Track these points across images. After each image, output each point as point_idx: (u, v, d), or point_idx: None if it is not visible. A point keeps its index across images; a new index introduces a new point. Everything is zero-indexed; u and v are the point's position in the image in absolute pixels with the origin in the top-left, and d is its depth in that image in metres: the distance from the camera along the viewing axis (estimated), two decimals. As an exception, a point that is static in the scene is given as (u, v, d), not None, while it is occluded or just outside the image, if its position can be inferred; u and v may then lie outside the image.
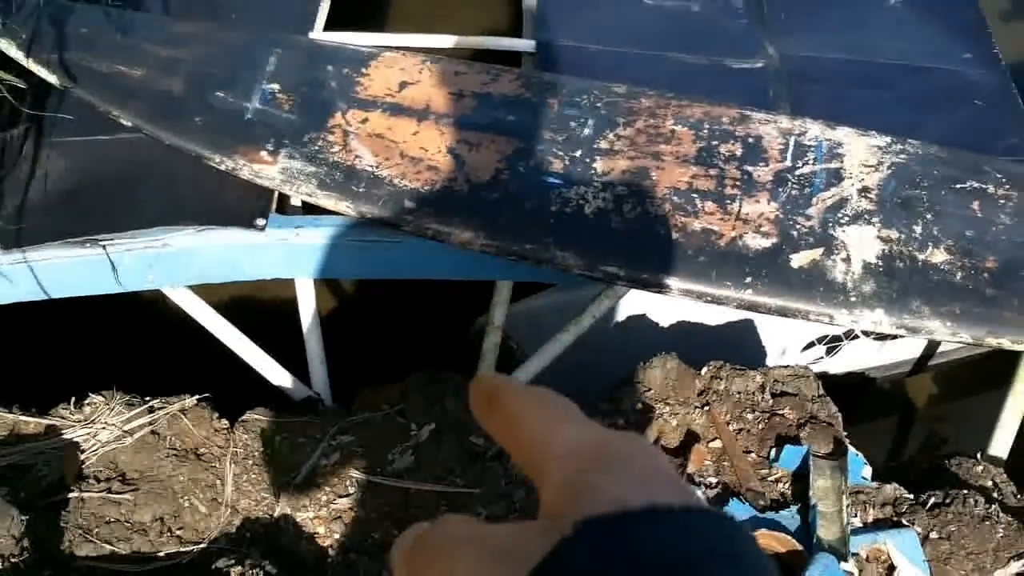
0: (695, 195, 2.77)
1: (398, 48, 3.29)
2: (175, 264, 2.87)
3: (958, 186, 2.83)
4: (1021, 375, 2.94)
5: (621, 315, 3.17)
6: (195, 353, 3.11)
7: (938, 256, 2.67)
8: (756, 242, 2.69)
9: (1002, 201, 2.79)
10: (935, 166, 2.87)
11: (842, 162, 2.87)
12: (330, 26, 3.49)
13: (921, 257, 2.67)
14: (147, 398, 2.90)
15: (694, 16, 3.68)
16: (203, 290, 3.03)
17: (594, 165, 2.83)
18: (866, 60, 3.50)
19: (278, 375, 3.14)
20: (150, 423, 2.82)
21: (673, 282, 2.64)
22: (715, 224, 2.72)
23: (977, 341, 2.59)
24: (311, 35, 3.40)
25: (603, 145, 2.88)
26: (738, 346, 3.54)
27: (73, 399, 2.90)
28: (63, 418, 2.83)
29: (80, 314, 3.22)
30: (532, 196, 2.77)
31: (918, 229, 2.72)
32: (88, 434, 2.78)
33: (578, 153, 2.86)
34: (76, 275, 2.84)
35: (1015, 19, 5.07)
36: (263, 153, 2.84)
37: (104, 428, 2.79)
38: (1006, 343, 2.58)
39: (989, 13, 3.79)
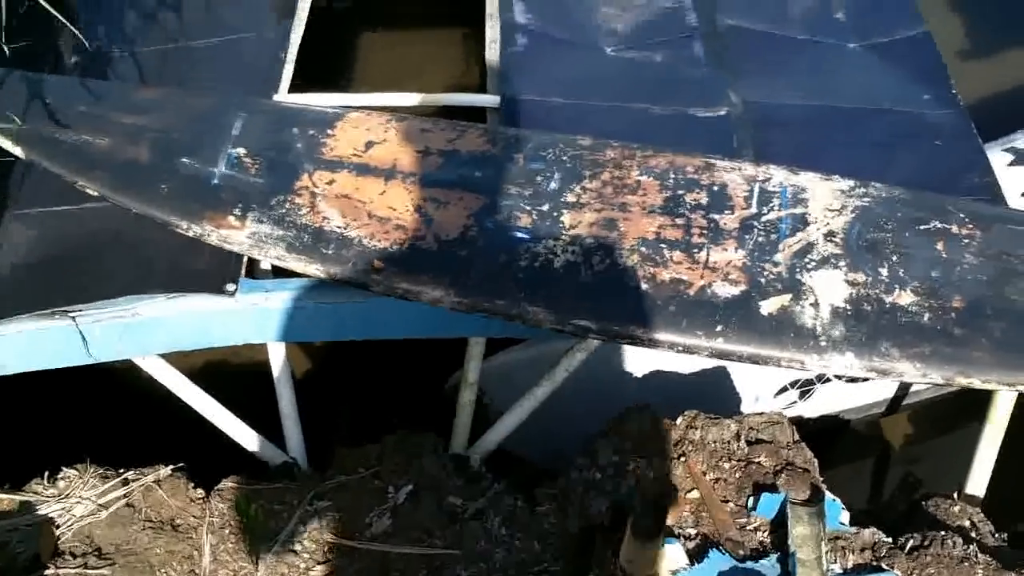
0: (663, 245, 2.79)
1: (363, 108, 3.31)
2: (145, 333, 2.85)
3: (922, 227, 2.85)
4: (994, 412, 2.96)
5: (595, 367, 3.17)
6: (169, 422, 3.09)
7: (905, 298, 2.69)
8: (725, 290, 2.70)
9: (966, 240, 2.82)
10: (899, 208, 2.90)
11: (807, 207, 2.89)
12: (295, 88, 3.50)
13: (888, 299, 2.69)
14: (121, 470, 2.88)
15: (657, 66, 3.72)
16: (175, 356, 3.01)
17: (562, 219, 2.85)
18: (827, 104, 3.54)
19: (252, 441, 3.13)
20: (125, 495, 2.80)
21: (644, 333, 2.65)
22: (684, 273, 2.73)
23: (947, 381, 2.61)
24: (276, 97, 3.42)
25: (570, 198, 2.90)
26: (712, 393, 3.55)
27: (47, 473, 2.87)
28: (37, 493, 2.81)
29: (51, 386, 3.19)
30: (501, 252, 2.78)
31: (884, 271, 2.74)
32: (63, 509, 2.76)
33: (545, 207, 2.88)
34: (45, 348, 2.82)
35: (973, 58, 5.16)
36: (231, 218, 2.84)
37: (79, 502, 2.76)
38: (976, 382, 2.59)
39: (947, 53, 3.85)
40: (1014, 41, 5.35)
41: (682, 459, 2.78)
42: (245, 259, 2.94)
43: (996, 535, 2.77)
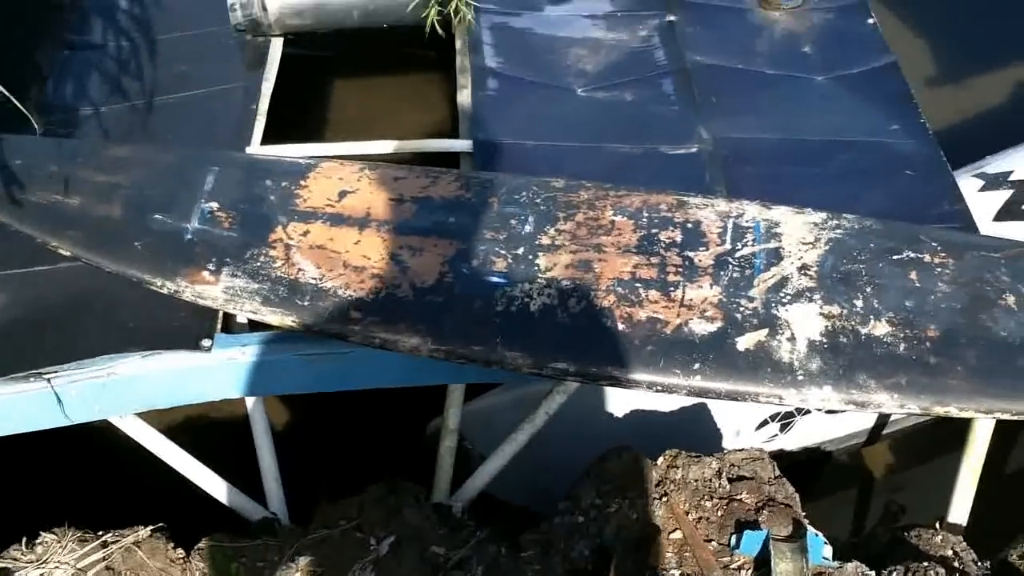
0: (638, 284, 2.79)
1: (336, 157, 3.32)
2: (122, 392, 2.84)
3: (895, 257, 2.86)
4: (973, 440, 2.97)
5: (575, 408, 3.17)
6: (148, 480, 3.07)
7: (880, 328, 2.69)
8: (701, 327, 2.70)
9: (939, 269, 2.83)
10: (871, 239, 2.91)
11: (780, 241, 2.90)
12: (268, 139, 3.51)
13: (864, 331, 2.69)
14: (100, 532, 2.85)
15: (627, 105, 3.75)
16: (153, 412, 2.99)
17: (537, 262, 2.85)
18: (797, 138, 3.57)
19: (233, 497, 3.10)
20: (104, 559, 2.76)
21: (622, 374, 2.64)
22: (660, 312, 2.73)
23: (925, 411, 2.61)
24: (248, 150, 3.43)
25: (544, 241, 2.90)
26: (693, 429, 3.55)
27: (24, 539, 2.84)
28: (15, 559, 2.77)
29: (27, 448, 3.16)
30: (477, 297, 2.78)
31: (859, 303, 2.75)
32: (41, 575, 2.72)
33: (520, 250, 2.88)
34: (20, 411, 2.80)
35: (940, 85, 5.21)
36: (205, 273, 2.83)
37: (57, 567, 2.73)
38: (953, 411, 2.59)
39: (914, 80, 3.90)
40: (980, 66, 5.42)
41: (664, 499, 2.77)
42: (221, 314, 2.93)
43: (979, 564, 2.76)
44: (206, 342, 2.85)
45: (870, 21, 4.13)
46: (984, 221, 3.58)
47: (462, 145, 3.57)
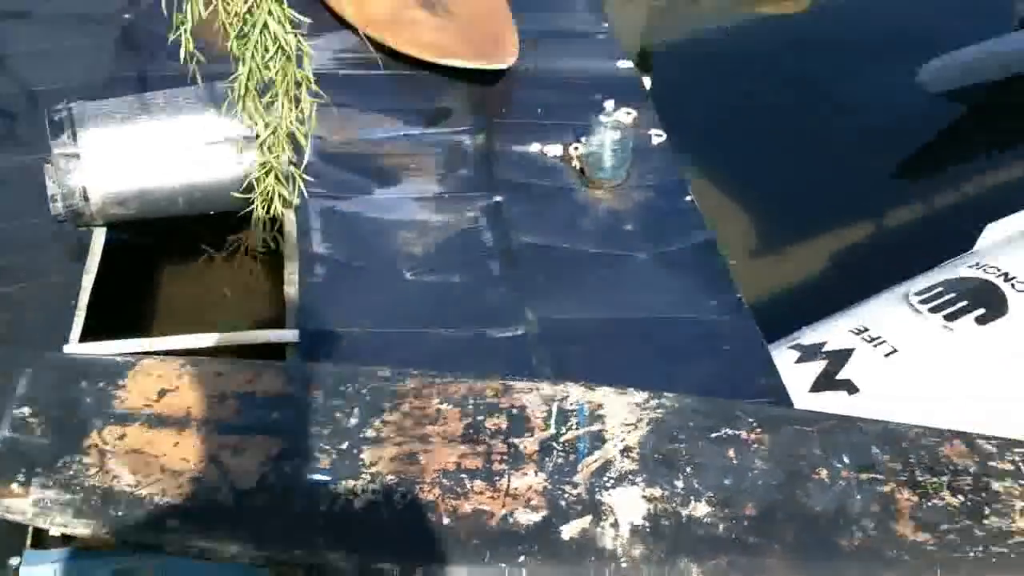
0: (464, 475, 2.78)
1: (159, 352, 3.26)
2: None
3: (714, 435, 2.93)
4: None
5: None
6: None
7: (700, 509, 2.73)
8: (526, 517, 2.70)
9: (755, 446, 2.91)
10: (691, 417, 2.98)
11: (604, 424, 2.95)
12: (89, 335, 3.43)
13: (685, 512, 2.72)
14: None
15: (455, 288, 3.82)
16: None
17: (362, 456, 2.82)
18: (619, 316, 3.69)
19: None
20: None
21: (447, 570, 2.61)
22: (485, 503, 2.72)
23: (745, 593, 2.64)
24: (67, 348, 3.35)
25: (370, 433, 2.88)
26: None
27: None
28: None
29: None
30: (299, 497, 2.73)
31: (680, 484, 2.79)
32: None
33: (345, 445, 2.85)
34: None
35: (760, 256, 5.48)
36: (14, 486, 2.71)
37: None
38: (772, 591, 2.63)
39: (737, 252, 4.08)
40: (798, 238, 5.73)
41: None
42: (31, 528, 2.80)
43: None
44: (14, 560, 2.72)
45: (688, 199, 4.34)
46: (801, 393, 3.73)
47: (288, 335, 3.55)
